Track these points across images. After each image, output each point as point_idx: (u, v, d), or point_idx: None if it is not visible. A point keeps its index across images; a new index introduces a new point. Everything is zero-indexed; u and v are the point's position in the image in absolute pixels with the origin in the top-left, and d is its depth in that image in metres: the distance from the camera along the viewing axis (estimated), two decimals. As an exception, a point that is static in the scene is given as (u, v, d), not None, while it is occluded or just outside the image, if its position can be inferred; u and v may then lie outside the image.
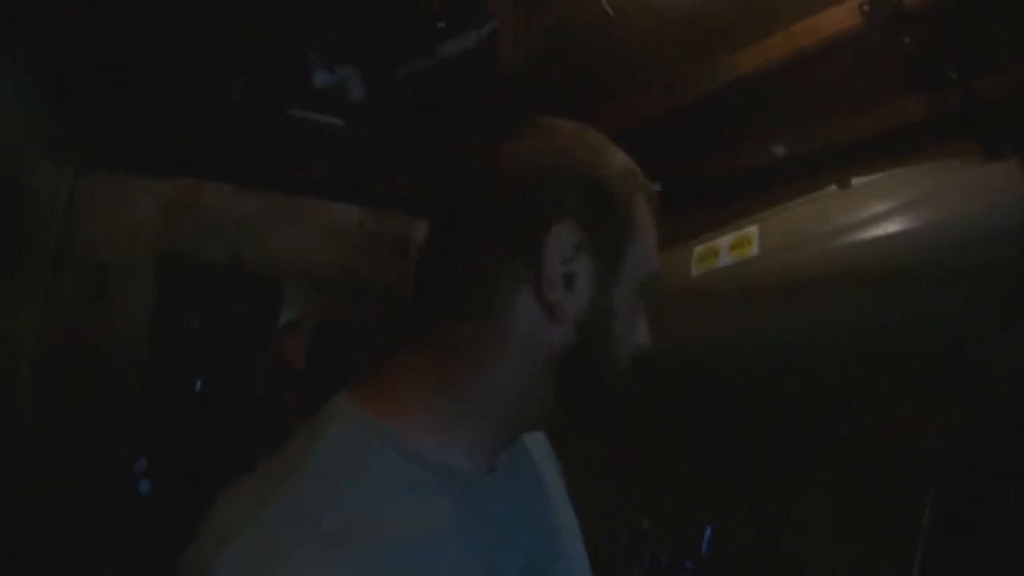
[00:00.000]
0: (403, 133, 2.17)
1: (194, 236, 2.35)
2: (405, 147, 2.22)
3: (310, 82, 2.04)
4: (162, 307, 2.43)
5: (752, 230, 1.73)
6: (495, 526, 0.79)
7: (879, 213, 1.53)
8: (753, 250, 1.71)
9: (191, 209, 2.30)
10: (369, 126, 2.10)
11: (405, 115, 2.09)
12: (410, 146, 2.22)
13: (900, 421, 1.86)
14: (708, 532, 2.17)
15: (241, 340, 2.75)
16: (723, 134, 2.23)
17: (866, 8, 1.59)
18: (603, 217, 0.79)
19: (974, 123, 1.59)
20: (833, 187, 1.67)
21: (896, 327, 1.57)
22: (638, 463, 2.50)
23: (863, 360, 1.73)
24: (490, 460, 0.80)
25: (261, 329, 2.75)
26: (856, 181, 1.64)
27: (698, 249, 1.88)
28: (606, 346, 0.80)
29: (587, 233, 0.77)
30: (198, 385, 2.70)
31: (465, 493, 0.76)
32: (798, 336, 1.73)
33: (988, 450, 1.66)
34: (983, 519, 1.65)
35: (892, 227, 1.51)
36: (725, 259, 1.78)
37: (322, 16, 1.88)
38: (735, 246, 1.76)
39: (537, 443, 0.96)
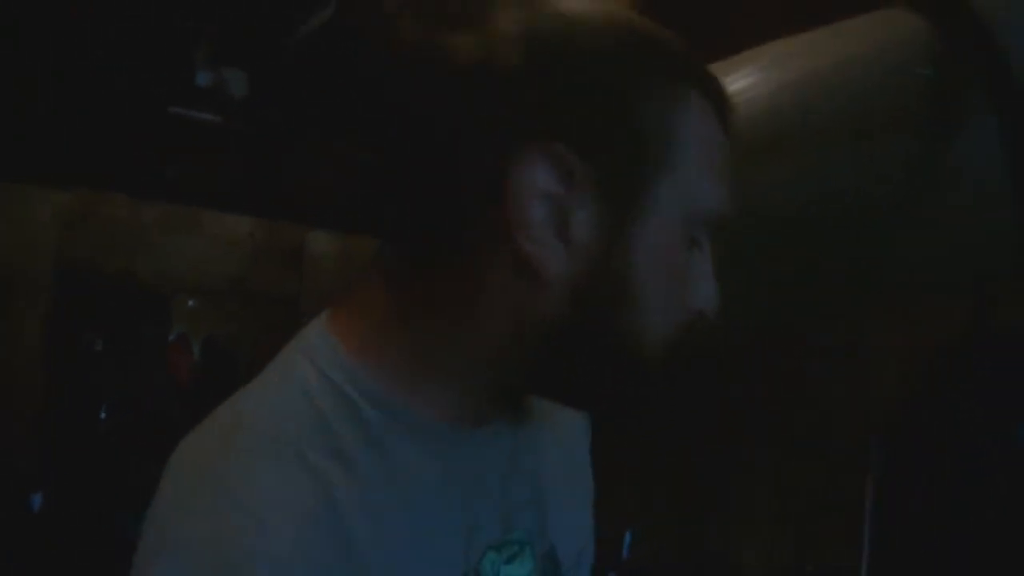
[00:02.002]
0: (292, 129, 2.37)
1: (91, 247, 2.47)
2: (298, 145, 2.41)
3: (193, 81, 2.25)
4: (62, 323, 2.51)
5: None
6: (471, 483, 0.66)
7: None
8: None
9: (88, 220, 2.43)
10: (254, 123, 2.31)
11: (291, 109, 2.30)
12: (303, 143, 2.41)
13: (838, 388, 1.71)
14: (628, 537, 1.99)
15: (146, 363, 2.80)
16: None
17: None
18: (616, 138, 0.59)
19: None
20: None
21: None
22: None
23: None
24: (467, 416, 0.65)
25: (160, 348, 2.82)
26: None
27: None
28: (621, 318, 0.60)
29: (587, 162, 0.57)
30: (103, 412, 2.72)
31: (432, 445, 0.64)
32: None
33: (935, 415, 1.61)
34: (934, 490, 1.61)
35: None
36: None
37: (203, 14, 2.10)
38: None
39: (568, 421, 0.79)
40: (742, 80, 1.04)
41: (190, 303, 2.81)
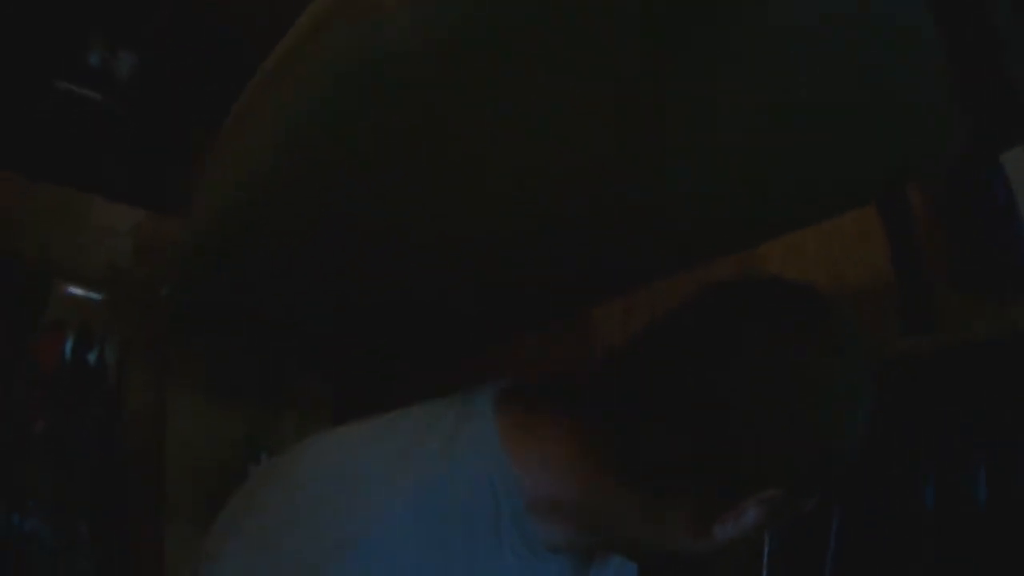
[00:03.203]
0: (177, 119, 2.37)
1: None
2: (182, 135, 2.41)
3: (85, 60, 2.25)
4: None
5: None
6: None
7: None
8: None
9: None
10: (140, 108, 2.31)
11: (178, 98, 2.31)
12: (188, 133, 2.41)
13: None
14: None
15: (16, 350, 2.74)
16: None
17: None
18: (813, 488, 0.76)
19: None
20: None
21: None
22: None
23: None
24: (560, 550, 0.80)
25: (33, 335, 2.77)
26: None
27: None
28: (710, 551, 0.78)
29: (788, 496, 0.74)
30: None
31: (530, 562, 0.76)
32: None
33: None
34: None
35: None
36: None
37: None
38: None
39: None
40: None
41: (68, 290, 2.78)
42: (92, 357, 2.87)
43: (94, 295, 2.86)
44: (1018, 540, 1.17)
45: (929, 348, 1.28)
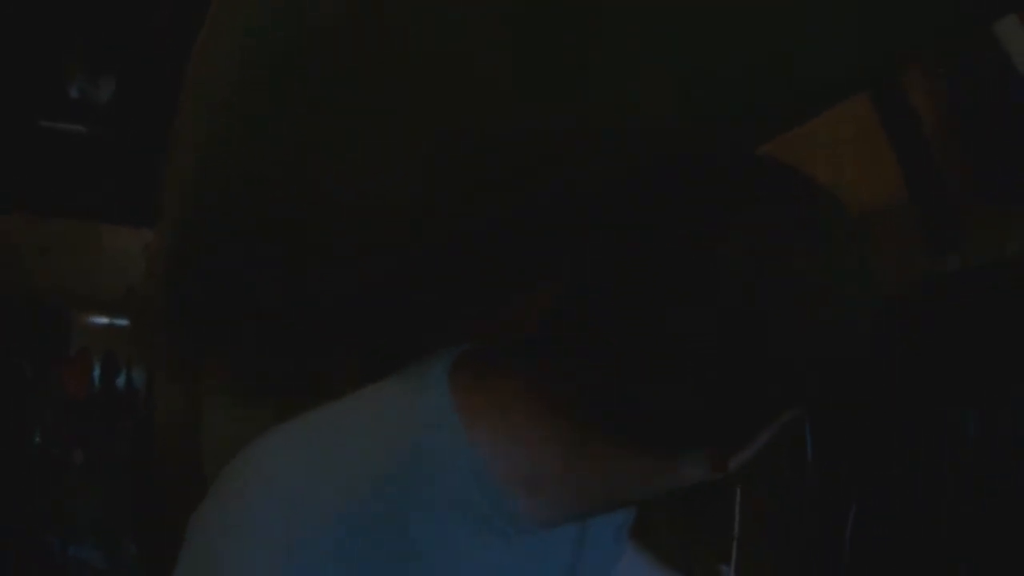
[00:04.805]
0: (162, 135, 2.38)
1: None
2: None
3: (65, 92, 2.27)
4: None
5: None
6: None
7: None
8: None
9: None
10: (124, 131, 2.32)
11: (159, 113, 2.32)
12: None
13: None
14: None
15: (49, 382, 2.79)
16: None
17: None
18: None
19: None
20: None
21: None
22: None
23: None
24: (556, 524, 0.70)
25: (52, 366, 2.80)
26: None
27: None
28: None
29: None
30: (37, 436, 2.71)
31: (527, 546, 0.67)
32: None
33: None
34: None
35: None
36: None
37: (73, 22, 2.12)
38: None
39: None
40: None
41: (89, 320, 2.83)
42: (120, 381, 2.93)
43: (116, 321, 2.91)
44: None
45: (958, 266, 1.20)
